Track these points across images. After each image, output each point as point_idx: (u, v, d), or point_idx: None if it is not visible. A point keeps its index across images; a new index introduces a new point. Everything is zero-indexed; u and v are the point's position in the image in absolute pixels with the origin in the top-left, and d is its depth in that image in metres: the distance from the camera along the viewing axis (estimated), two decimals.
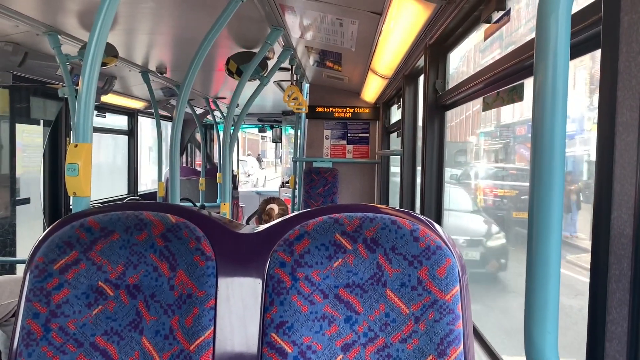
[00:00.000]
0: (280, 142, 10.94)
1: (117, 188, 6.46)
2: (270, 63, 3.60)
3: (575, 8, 1.06)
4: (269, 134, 10.73)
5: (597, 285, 0.94)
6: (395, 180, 5.34)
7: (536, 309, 0.75)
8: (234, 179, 8.06)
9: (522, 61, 1.45)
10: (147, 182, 8.50)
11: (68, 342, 1.08)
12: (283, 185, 9.34)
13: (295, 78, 4.40)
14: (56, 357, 1.07)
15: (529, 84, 1.56)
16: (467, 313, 1.05)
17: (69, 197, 4.73)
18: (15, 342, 1.09)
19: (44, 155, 4.47)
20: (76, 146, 1.30)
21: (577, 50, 1.12)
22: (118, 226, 1.12)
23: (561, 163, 0.73)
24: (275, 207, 3.36)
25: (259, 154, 25.68)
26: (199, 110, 7.50)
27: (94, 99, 1.32)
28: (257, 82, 3.55)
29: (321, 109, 5.67)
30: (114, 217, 1.13)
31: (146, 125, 6.70)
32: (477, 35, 2.16)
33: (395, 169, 5.31)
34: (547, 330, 0.74)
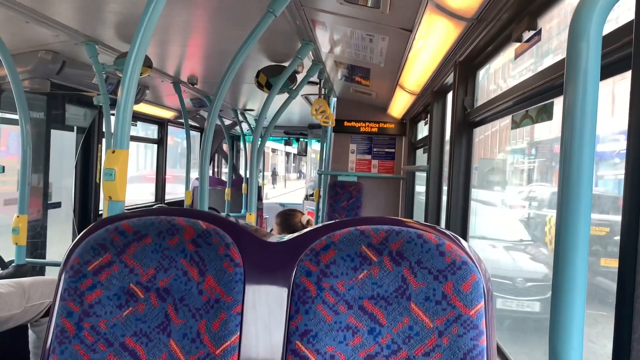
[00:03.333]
0: (305, 155, 10.99)
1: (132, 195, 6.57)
2: (299, 77, 3.65)
3: (607, 29, 1.07)
4: (281, 147, 10.79)
5: (623, 303, 0.94)
6: (419, 198, 5.31)
7: (561, 325, 0.75)
8: (259, 190, 8.13)
9: (552, 80, 1.46)
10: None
11: (99, 342, 1.12)
12: (307, 197, 9.38)
13: (323, 92, 4.44)
14: (87, 356, 1.11)
15: (558, 102, 1.57)
16: (491, 329, 1.05)
17: (98, 202, 4.83)
18: (49, 339, 1.13)
19: (76, 161, 4.60)
20: (113, 152, 1.35)
21: (608, 71, 1.12)
22: (151, 230, 1.16)
23: (589, 182, 0.73)
24: (307, 216, 3.35)
25: (274, 169, 24.59)
26: (226, 122, 7.61)
27: (131, 107, 1.37)
28: (285, 95, 3.60)
29: (348, 123, 5.70)
30: (148, 222, 1.17)
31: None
32: (507, 54, 2.17)
33: (419, 187, 5.28)
34: (572, 346, 0.75)
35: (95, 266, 1.14)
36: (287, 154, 32.37)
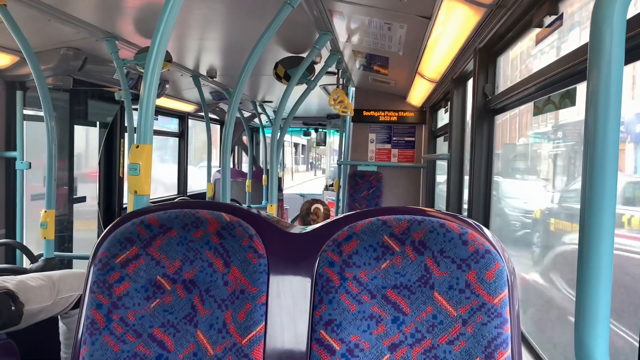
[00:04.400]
0: (325, 145, 10.99)
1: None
2: (317, 67, 3.64)
3: (631, 13, 1.05)
4: (287, 138, 10.78)
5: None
6: (439, 188, 5.27)
7: (587, 313, 0.75)
8: (279, 181, 8.16)
9: (574, 66, 1.44)
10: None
11: (128, 333, 1.14)
12: (327, 188, 9.40)
13: (341, 82, 4.43)
14: (117, 347, 1.14)
15: (580, 88, 1.54)
16: (515, 317, 1.05)
17: (122, 196, 4.91)
18: (80, 330, 1.16)
19: (99, 156, 4.67)
20: (137, 147, 1.38)
21: (632, 55, 1.10)
22: (176, 223, 1.18)
23: (614, 167, 0.73)
24: (321, 207, 3.41)
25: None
26: (245, 114, 7.64)
27: (154, 102, 1.39)
28: (303, 86, 3.60)
29: (367, 113, 5.68)
30: (172, 215, 1.19)
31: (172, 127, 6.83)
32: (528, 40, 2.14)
33: (439, 177, 5.24)
34: (599, 334, 0.74)
35: (123, 259, 1.16)
36: (295, 145, 31.58)
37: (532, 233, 3.28)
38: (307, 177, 29.02)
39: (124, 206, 4.83)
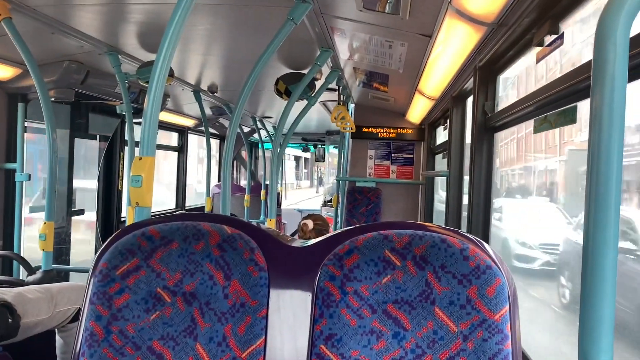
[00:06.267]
0: (323, 161, 11.02)
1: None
2: (318, 84, 3.67)
3: (634, 31, 1.06)
4: (288, 151, 10.76)
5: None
6: (438, 204, 5.28)
7: (591, 328, 0.75)
8: (278, 196, 8.16)
9: (576, 84, 1.45)
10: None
11: (127, 345, 1.14)
12: (325, 203, 9.40)
13: (341, 98, 4.46)
14: (116, 359, 1.13)
15: (582, 106, 1.56)
16: (516, 334, 1.05)
17: (121, 208, 4.90)
18: (79, 342, 1.15)
19: (99, 169, 4.68)
20: (140, 159, 1.38)
21: (636, 73, 1.11)
22: (177, 235, 1.17)
23: (618, 184, 0.73)
24: (309, 223, 3.34)
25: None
26: (245, 129, 7.67)
27: (157, 115, 1.40)
28: (303, 102, 3.62)
29: (366, 129, 5.71)
30: (174, 227, 1.19)
31: (165, 139, 6.70)
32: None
33: (437, 195, 5.26)
34: (602, 349, 0.74)
35: (123, 271, 1.16)
36: (297, 159, 28.96)
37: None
38: (310, 193, 25.25)
39: (122, 219, 4.82)
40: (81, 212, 4.50)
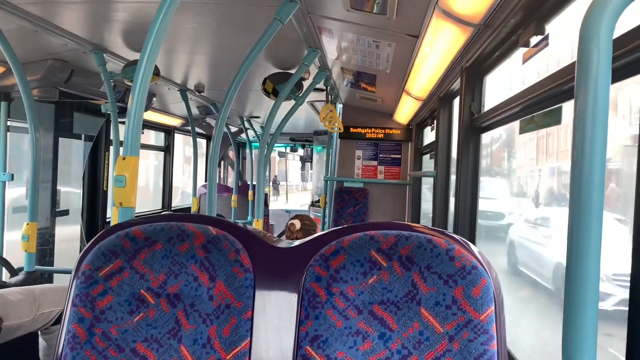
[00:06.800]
0: (311, 162, 11.02)
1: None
2: (306, 83, 3.66)
3: (617, 33, 1.07)
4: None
5: (636, 293, 0.93)
6: (425, 205, 5.29)
7: (574, 330, 0.75)
8: (265, 197, 8.13)
9: (560, 85, 1.46)
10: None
11: (110, 347, 1.12)
12: (313, 204, 9.39)
13: (329, 98, 4.45)
14: None
15: (566, 107, 1.57)
16: (501, 334, 1.05)
17: (106, 209, 4.84)
18: (61, 345, 1.13)
19: (84, 169, 4.62)
20: (124, 159, 1.36)
21: (619, 74, 1.12)
22: (161, 236, 1.16)
23: (601, 184, 0.73)
24: (296, 223, 3.32)
25: (275, 176, 20.08)
26: (232, 129, 7.63)
27: (142, 115, 1.38)
28: (291, 102, 3.61)
29: (354, 130, 5.71)
30: (158, 228, 1.17)
31: (149, 138, 6.57)
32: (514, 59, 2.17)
33: (424, 194, 5.28)
34: (586, 350, 0.74)
35: (106, 272, 1.14)
36: (302, 158, 26.46)
37: None
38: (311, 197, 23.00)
39: (108, 220, 4.77)
40: (66, 212, 4.44)
